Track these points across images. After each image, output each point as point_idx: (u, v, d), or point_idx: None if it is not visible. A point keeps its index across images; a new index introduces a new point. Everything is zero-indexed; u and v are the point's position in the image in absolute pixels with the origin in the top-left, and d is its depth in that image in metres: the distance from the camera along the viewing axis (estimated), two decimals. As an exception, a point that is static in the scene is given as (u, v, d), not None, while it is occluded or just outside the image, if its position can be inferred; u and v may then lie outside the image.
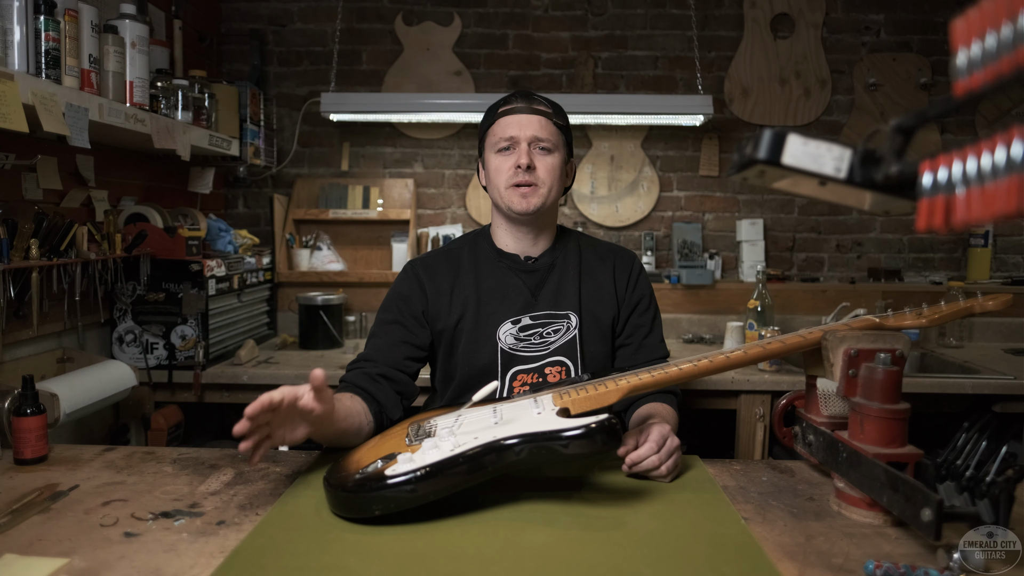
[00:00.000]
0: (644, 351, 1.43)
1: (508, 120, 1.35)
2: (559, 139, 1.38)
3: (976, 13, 0.50)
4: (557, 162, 1.37)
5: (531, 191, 1.34)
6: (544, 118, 1.36)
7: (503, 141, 1.35)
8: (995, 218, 0.49)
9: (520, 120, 1.35)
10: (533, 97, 1.39)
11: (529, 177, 1.33)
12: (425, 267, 1.43)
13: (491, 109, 1.41)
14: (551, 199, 1.37)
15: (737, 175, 0.75)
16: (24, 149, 1.68)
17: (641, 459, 1.11)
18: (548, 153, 1.36)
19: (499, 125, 1.36)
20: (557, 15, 2.86)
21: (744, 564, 0.86)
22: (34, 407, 1.21)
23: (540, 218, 1.40)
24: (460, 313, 1.38)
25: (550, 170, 1.35)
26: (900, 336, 1.05)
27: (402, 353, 1.36)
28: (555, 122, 1.37)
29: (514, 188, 1.34)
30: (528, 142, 1.34)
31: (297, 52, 2.86)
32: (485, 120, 1.41)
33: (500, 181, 1.36)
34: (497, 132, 1.36)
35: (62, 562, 0.85)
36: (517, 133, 1.34)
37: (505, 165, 1.35)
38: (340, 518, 0.98)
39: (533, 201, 1.34)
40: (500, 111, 1.37)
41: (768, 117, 2.83)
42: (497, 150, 1.36)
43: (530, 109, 1.36)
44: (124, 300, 2.03)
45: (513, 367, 1.36)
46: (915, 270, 2.91)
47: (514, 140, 1.34)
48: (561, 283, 1.41)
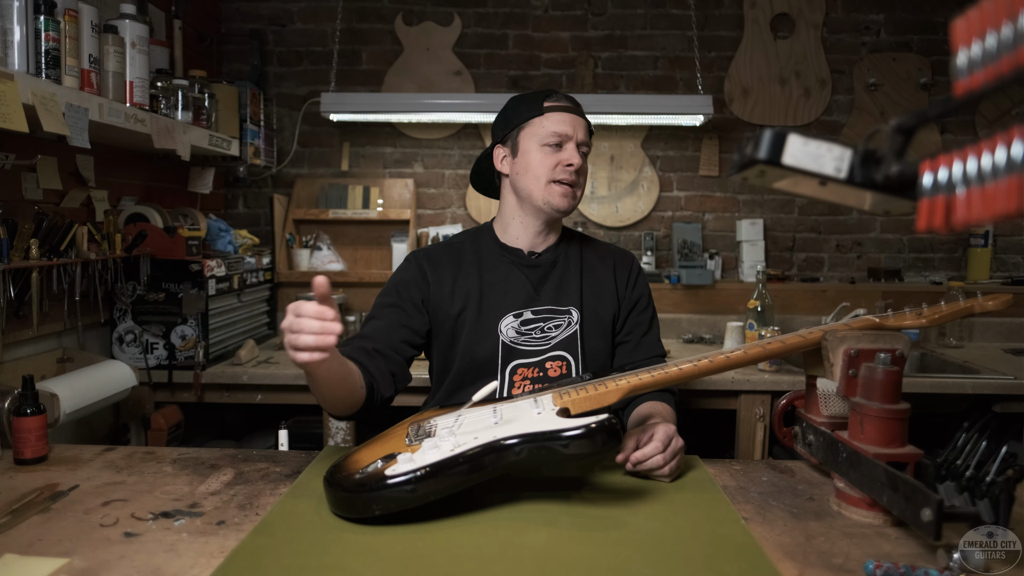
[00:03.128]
0: (643, 348, 1.45)
1: (561, 116, 1.37)
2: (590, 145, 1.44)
3: (976, 13, 0.50)
4: (588, 167, 1.43)
5: (571, 192, 1.37)
6: (586, 122, 1.41)
7: (554, 136, 1.36)
8: (995, 218, 0.49)
9: (572, 120, 1.37)
10: (576, 102, 1.42)
11: (576, 178, 1.37)
12: (428, 258, 1.43)
13: (531, 99, 1.41)
14: (580, 200, 1.43)
15: (737, 175, 0.75)
16: (24, 149, 1.68)
17: (646, 458, 1.12)
18: (585, 158, 1.40)
19: (550, 119, 1.37)
20: (557, 15, 2.86)
21: (744, 564, 0.86)
22: (34, 407, 1.21)
23: (565, 215, 1.43)
24: (462, 305, 1.39)
25: (586, 173, 1.41)
26: (900, 336, 1.05)
27: (399, 336, 1.35)
28: (591, 129, 1.43)
29: (556, 184, 1.36)
30: (577, 143, 1.37)
31: (297, 52, 2.86)
32: (526, 109, 1.40)
33: (542, 174, 1.36)
34: (548, 126, 1.36)
35: (62, 562, 0.85)
36: (571, 132, 1.36)
37: (552, 160, 1.36)
38: (340, 518, 0.98)
39: (572, 202, 1.39)
40: (548, 105, 1.38)
41: (768, 117, 2.83)
42: (544, 143, 1.36)
43: (578, 111, 1.40)
44: (124, 300, 2.03)
45: (513, 360, 1.37)
46: (915, 270, 2.91)
47: (566, 138, 1.36)
48: (563, 279, 1.42)
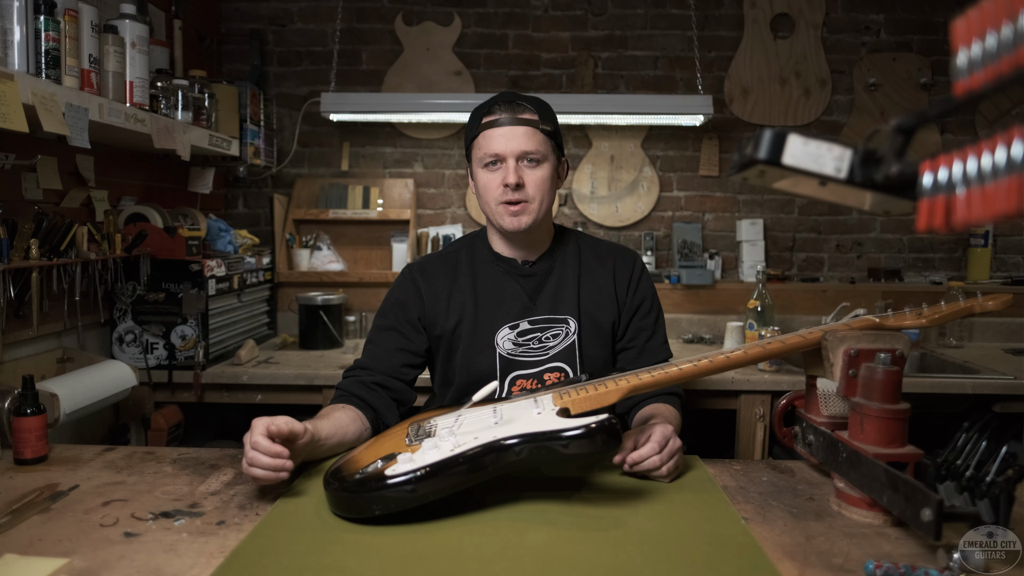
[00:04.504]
0: (647, 355, 1.41)
1: (492, 133, 1.29)
2: (547, 147, 1.32)
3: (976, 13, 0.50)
4: (546, 173, 1.32)
5: (521, 209, 1.30)
6: (530, 128, 1.29)
7: (488, 156, 1.30)
8: (995, 218, 0.49)
9: (505, 133, 1.28)
10: (517, 104, 1.31)
11: (518, 195, 1.29)
12: (422, 272, 1.41)
13: (475, 115, 1.34)
14: (543, 212, 1.33)
15: (737, 175, 0.75)
16: (24, 149, 1.67)
17: (642, 459, 1.11)
18: (536, 165, 1.30)
19: (484, 139, 1.30)
20: (557, 15, 2.86)
21: (744, 564, 0.86)
22: (34, 407, 1.21)
23: (533, 230, 1.35)
24: (458, 318, 1.37)
25: (539, 184, 1.30)
26: (900, 336, 1.05)
27: (398, 360, 1.35)
28: (542, 129, 1.31)
29: (504, 206, 1.30)
30: (515, 157, 1.29)
31: (297, 52, 2.86)
32: (469, 129, 1.35)
33: (489, 197, 1.32)
34: (482, 146, 1.30)
35: (62, 562, 0.85)
36: (503, 149, 1.28)
37: (493, 183, 1.30)
38: (340, 518, 0.98)
39: (524, 220, 1.30)
40: (484, 122, 1.30)
41: (768, 117, 2.83)
42: (483, 165, 1.31)
43: (514, 120, 1.29)
44: (124, 300, 2.03)
45: (512, 372, 1.35)
46: (915, 270, 2.91)
47: (499, 156, 1.29)
48: (560, 287, 1.38)
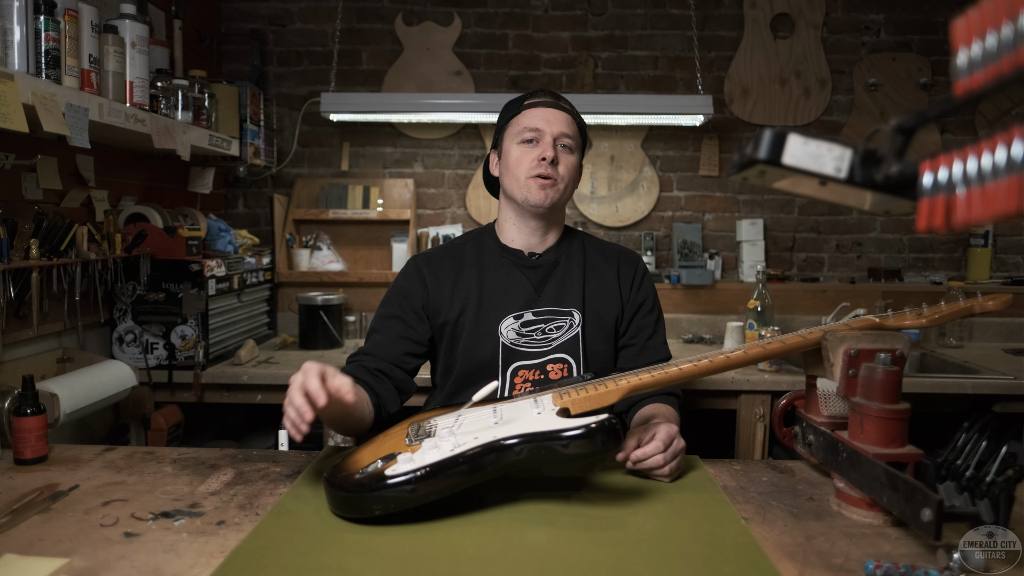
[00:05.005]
0: (647, 353, 1.43)
1: (536, 112, 1.36)
2: (579, 140, 1.40)
3: (976, 13, 0.50)
4: (576, 161, 1.39)
5: (550, 184, 1.35)
6: (569, 116, 1.38)
7: (528, 132, 1.35)
8: (995, 218, 0.49)
9: (548, 114, 1.36)
10: (559, 96, 1.40)
11: (551, 171, 1.34)
12: (427, 262, 1.43)
13: (514, 101, 1.42)
14: (566, 196, 1.39)
15: (737, 175, 0.75)
16: (24, 149, 1.67)
17: (646, 456, 1.12)
18: (570, 152, 1.37)
19: (525, 116, 1.37)
20: (557, 15, 2.86)
21: (744, 564, 0.86)
22: (34, 407, 1.21)
23: (551, 213, 1.40)
24: (461, 307, 1.38)
25: (570, 168, 1.37)
26: (900, 336, 1.05)
27: (401, 348, 1.37)
28: (577, 122, 1.40)
29: (534, 179, 1.35)
30: (554, 137, 1.35)
31: (297, 52, 2.86)
32: (508, 111, 1.42)
33: (521, 171, 1.36)
34: (523, 122, 1.36)
35: (62, 562, 0.85)
36: (544, 127, 1.35)
37: (528, 156, 1.35)
38: (340, 518, 0.98)
39: (551, 194, 1.35)
40: (527, 103, 1.38)
41: (768, 117, 2.83)
42: (521, 140, 1.36)
43: (557, 105, 1.37)
44: (124, 300, 2.03)
45: (514, 362, 1.36)
46: (915, 270, 2.91)
47: (540, 132, 1.35)
48: (565, 280, 1.41)
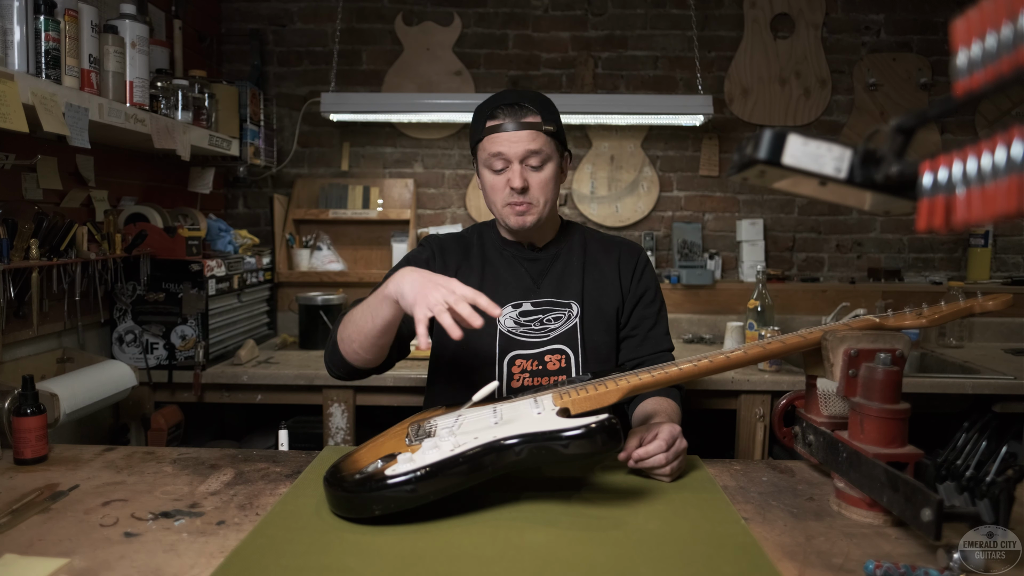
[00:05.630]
0: (649, 342, 1.45)
1: (497, 138, 1.32)
2: (551, 147, 1.34)
3: (976, 13, 0.50)
4: (551, 173, 1.34)
5: (526, 209, 1.34)
6: (533, 131, 1.31)
7: (495, 160, 1.32)
8: (995, 218, 0.49)
9: (509, 138, 1.31)
10: (520, 107, 1.32)
11: (523, 197, 1.33)
12: (439, 243, 1.47)
13: (478, 116, 1.37)
14: (547, 210, 1.36)
15: (737, 175, 0.75)
16: (24, 149, 1.67)
17: (648, 455, 1.12)
18: (541, 167, 1.33)
19: (488, 142, 1.33)
20: (557, 15, 2.86)
21: (744, 564, 0.86)
22: (34, 407, 1.21)
23: (539, 226, 1.39)
24: None
25: (543, 185, 1.34)
26: (900, 336, 1.05)
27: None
28: (544, 130, 1.32)
29: (510, 207, 1.34)
30: (520, 160, 1.31)
31: (297, 52, 2.86)
32: (474, 131, 1.38)
33: (495, 198, 1.36)
34: (487, 149, 1.33)
35: (62, 562, 0.85)
36: (507, 149, 1.31)
37: (499, 183, 1.34)
38: (340, 518, 0.98)
39: (529, 219, 1.35)
40: (488, 126, 1.33)
41: (768, 117, 2.83)
42: (488, 168, 1.35)
43: (518, 124, 1.30)
44: (124, 300, 2.03)
45: (512, 351, 1.37)
46: (915, 270, 2.91)
47: (505, 159, 1.32)
48: (564, 272, 1.42)
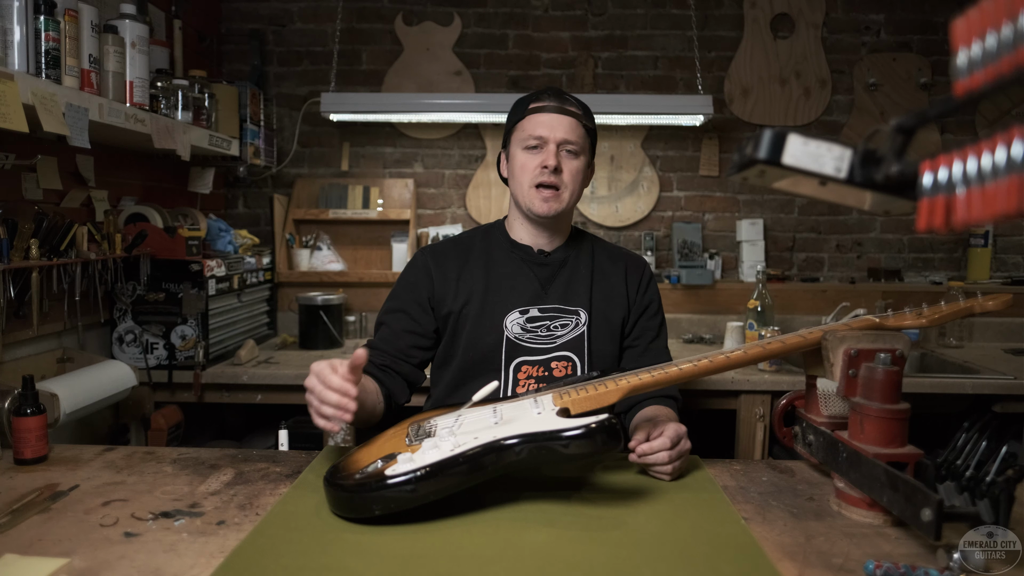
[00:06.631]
0: (650, 354, 1.44)
1: (539, 118, 1.35)
2: (586, 142, 1.39)
3: (976, 13, 0.50)
4: (582, 165, 1.38)
5: (553, 195, 1.35)
6: (574, 120, 1.36)
7: (532, 139, 1.35)
8: (995, 218, 0.49)
9: (551, 120, 1.35)
10: (565, 97, 1.39)
11: (554, 179, 1.34)
12: (433, 254, 1.45)
13: (521, 102, 1.41)
14: (571, 202, 1.39)
15: (737, 175, 0.75)
16: (24, 149, 1.67)
17: (653, 451, 1.12)
18: (575, 157, 1.36)
19: (529, 122, 1.36)
20: (557, 15, 2.86)
21: (744, 564, 0.86)
22: (34, 407, 1.21)
23: (558, 219, 1.41)
24: (466, 298, 1.39)
25: (574, 173, 1.37)
26: (900, 336, 1.05)
27: (407, 342, 1.39)
28: (584, 124, 1.38)
29: (537, 189, 1.35)
30: (557, 143, 1.34)
31: (297, 52, 2.86)
32: (514, 113, 1.41)
33: (524, 178, 1.36)
34: (527, 128, 1.36)
35: (62, 562, 0.85)
36: (547, 133, 1.34)
37: (531, 163, 1.35)
38: (340, 518, 0.98)
39: (554, 206, 1.36)
40: (531, 107, 1.37)
41: (768, 117, 2.83)
42: (525, 147, 1.37)
43: (561, 109, 1.35)
44: (124, 300, 2.03)
45: (517, 357, 1.37)
46: (915, 270, 2.91)
47: (543, 140, 1.35)
48: (572, 279, 1.42)
